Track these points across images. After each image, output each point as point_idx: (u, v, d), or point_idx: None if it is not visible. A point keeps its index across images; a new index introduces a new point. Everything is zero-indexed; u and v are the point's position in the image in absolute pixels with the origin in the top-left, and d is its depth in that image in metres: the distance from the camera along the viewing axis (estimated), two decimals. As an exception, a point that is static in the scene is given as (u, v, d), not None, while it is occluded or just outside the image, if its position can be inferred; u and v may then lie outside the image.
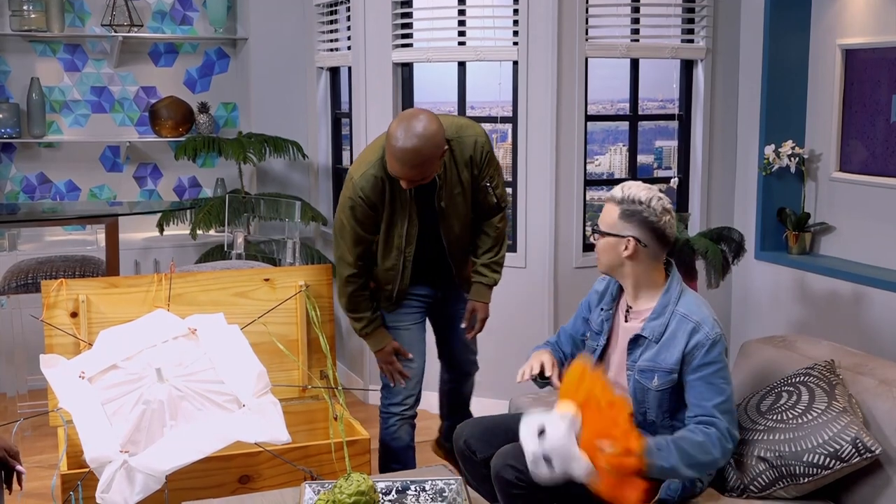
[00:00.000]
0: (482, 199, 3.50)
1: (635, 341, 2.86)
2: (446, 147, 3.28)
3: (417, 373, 3.63)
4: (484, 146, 3.44)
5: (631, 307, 2.93)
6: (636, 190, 2.82)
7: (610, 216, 2.84)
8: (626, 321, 2.94)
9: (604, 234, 2.85)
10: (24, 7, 5.50)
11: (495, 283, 3.61)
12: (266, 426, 2.90)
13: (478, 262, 3.59)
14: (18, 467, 2.53)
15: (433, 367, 3.83)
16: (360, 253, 3.42)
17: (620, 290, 2.98)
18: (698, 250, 4.21)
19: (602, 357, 3.01)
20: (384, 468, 3.66)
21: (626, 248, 2.81)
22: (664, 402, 2.81)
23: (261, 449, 3.00)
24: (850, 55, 4.60)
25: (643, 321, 2.86)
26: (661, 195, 2.83)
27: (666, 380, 2.79)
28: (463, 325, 3.63)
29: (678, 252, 4.17)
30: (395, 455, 3.64)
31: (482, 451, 3.01)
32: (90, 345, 3.22)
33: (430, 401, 4.12)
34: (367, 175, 3.33)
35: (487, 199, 3.50)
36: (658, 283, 2.88)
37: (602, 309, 3.02)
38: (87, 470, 2.83)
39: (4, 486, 2.55)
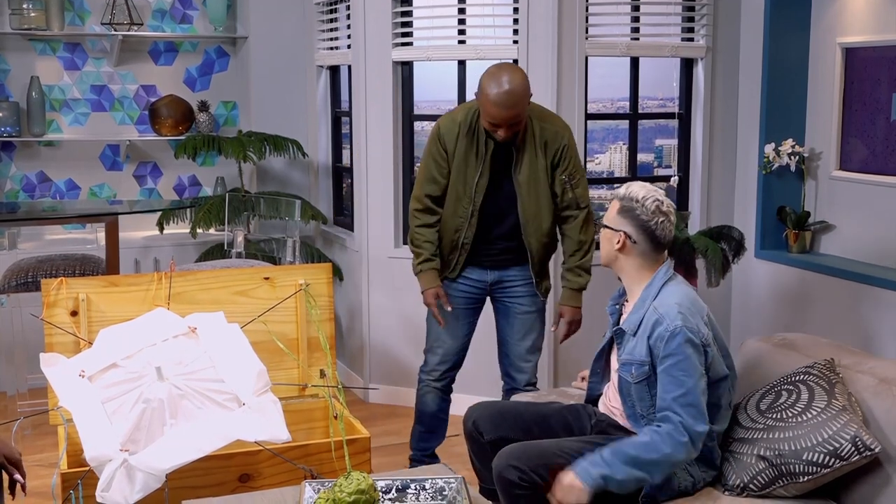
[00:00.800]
0: (560, 193, 3.68)
1: (619, 336, 2.94)
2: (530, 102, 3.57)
3: (447, 350, 3.85)
4: (564, 139, 3.67)
5: (627, 301, 3.01)
6: (636, 189, 2.91)
7: (611, 210, 2.95)
8: (622, 316, 3.03)
9: (603, 227, 2.97)
10: (24, 5, 5.49)
11: (582, 288, 3.75)
12: (266, 425, 2.90)
13: (563, 267, 3.78)
14: (16, 476, 2.53)
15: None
16: (429, 192, 3.70)
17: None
18: (698, 249, 4.22)
19: (606, 352, 3.08)
20: (413, 430, 4.01)
21: (618, 242, 2.90)
22: (645, 396, 2.85)
23: (261, 447, 3.00)
24: (850, 54, 4.60)
25: (627, 314, 2.95)
26: (661, 197, 2.89)
27: (640, 371, 2.84)
28: (552, 328, 3.85)
29: (678, 250, 4.18)
30: (419, 416, 3.96)
31: (490, 432, 3.07)
32: (90, 343, 3.22)
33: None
34: (450, 116, 3.70)
35: (566, 194, 3.68)
36: (650, 279, 2.93)
37: (614, 305, 3.10)
38: (87, 469, 2.83)
39: (8, 491, 2.54)
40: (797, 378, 2.97)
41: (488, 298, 3.87)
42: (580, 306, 3.76)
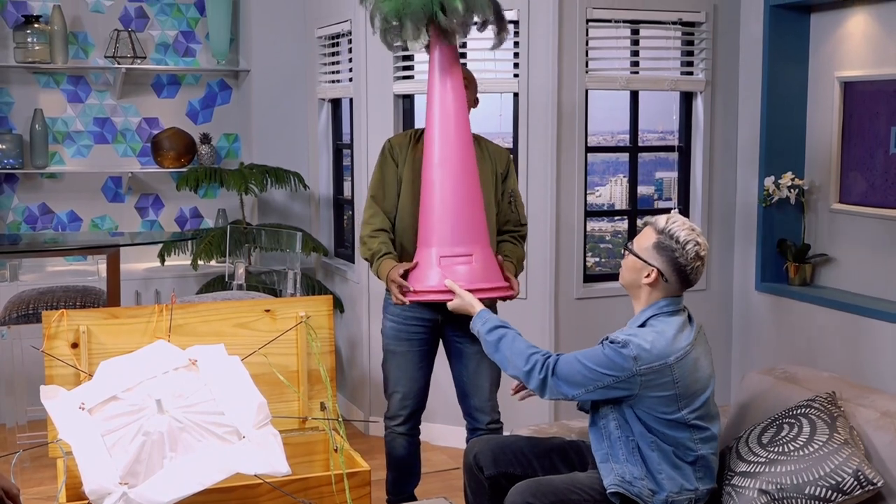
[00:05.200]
0: (505, 207, 3.69)
1: None
2: (475, 95, 3.71)
3: (405, 393, 3.72)
4: (509, 157, 3.77)
5: None
6: (678, 227, 2.85)
7: (646, 241, 2.88)
8: None
9: (634, 254, 2.90)
10: (29, 39, 5.54)
11: (518, 266, 3.68)
12: (266, 458, 2.89)
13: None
14: None
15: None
16: (376, 196, 3.70)
17: None
18: None
19: None
20: (386, 476, 3.87)
21: (648, 276, 2.86)
22: (599, 407, 2.91)
23: (261, 481, 2.99)
24: (849, 87, 4.63)
25: None
26: (700, 239, 2.84)
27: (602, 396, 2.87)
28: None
29: None
30: (389, 463, 3.84)
31: (490, 467, 3.04)
32: (90, 376, 3.22)
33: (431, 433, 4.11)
34: (399, 134, 3.85)
35: (509, 208, 3.70)
36: None
37: None
38: (86, 502, 2.82)
39: None
40: (799, 411, 2.97)
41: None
42: (515, 277, 3.61)
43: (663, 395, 2.78)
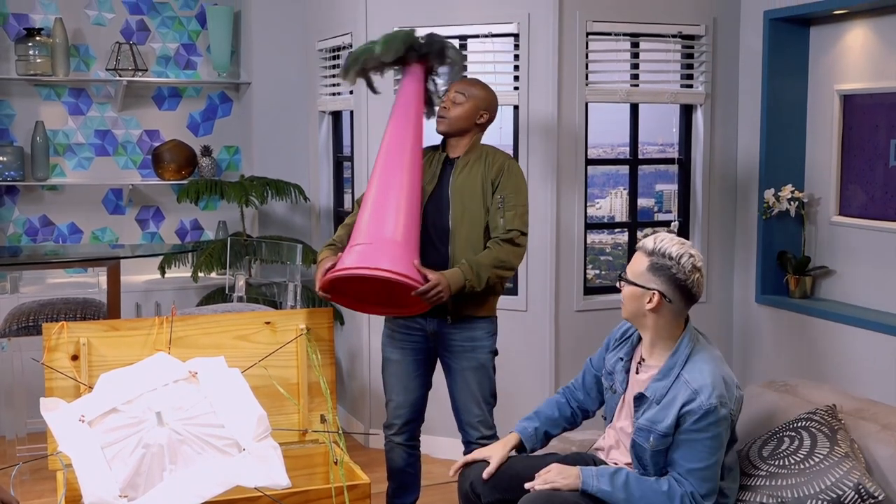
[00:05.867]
0: (492, 211, 3.60)
1: (639, 399, 2.85)
2: (487, 114, 3.70)
3: (401, 404, 3.73)
4: (506, 165, 3.65)
5: (644, 360, 2.92)
6: (668, 244, 2.79)
7: (639, 266, 2.82)
8: (637, 373, 2.94)
9: (630, 283, 2.83)
10: (30, 52, 5.56)
11: (466, 280, 3.46)
12: (266, 470, 2.89)
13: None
14: None
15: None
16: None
17: (639, 338, 2.97)
18: None
19: (617, 405, 3.01)
20: (387, 487, 3.87)
21: (651, 301, 2.79)
22: (660, 462, 2.80)
23: (261, 493, 2.99)
24: (848, 100, 4.63)
25: (650, 378, 2.85)
26: (693, 251, 2.79)
27: (660, 442, 2.76)
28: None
29: None
30: (389, 473, 3.84)
31: (487, 495, 2.99)
32: (90, 388, 3.22)
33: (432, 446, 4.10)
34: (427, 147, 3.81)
35: (497, 214, 3.58)
36: (675, 338, 2.85)
37: (621, 358, 3.01)
38: (85, 514, 2.82)
39: None
40: (799, 424, 2.96)
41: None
42: (451, 288, 3.42)
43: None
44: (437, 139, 3.78)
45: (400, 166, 3.55)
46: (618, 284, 2.90)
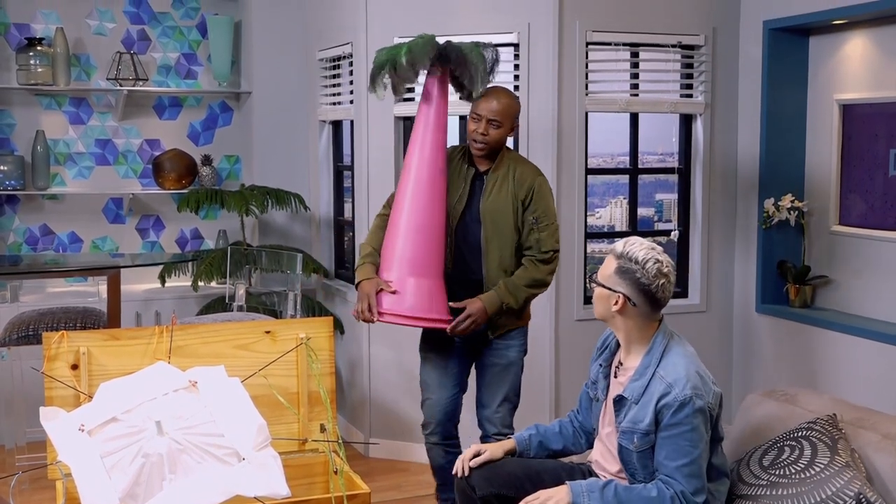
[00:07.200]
0: (526, 232, 3.71)
1: (619, 402, 2.87)
2: (517, 121, 3.82)
3: (434, 403, 3.84)
4: (535, 183, 3.73)
5: (622, 363, 2.95)
6: (636, 248, 2.81)
7: (607, 268, 2.86)
8: (615, 377, 2.96)
9: (599, 285, 2.88)
10: (31, 61, 5.57)
11: (503, 303, 3.66)
12: (266, 480, 2.88)
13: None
14: None
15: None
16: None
17: (618, 344, 3.00)
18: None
19: (601, 413, 3.03)
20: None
21: (616, 304, 2.83)
22: (648, 464, 2.80)
23: (260, 503, 2.98)
24: (848, 110, 4.64)
25: (628, 379, 2.87)
26: (661, 257, 2.81)
27: (644, 441, 2.78)
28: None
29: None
30: (432, 470, 3.97)
31: (482, 488, 3.02)
32: (90, 397, 3.21)
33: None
34: (451, 147, 3.89)
35: (531, 234, 3.70)
36: (649, 338, 2.88)
37: (601, 365, 3.04)
38: (85, 524, 2.81)
39: None
40: (800, 434, 2.96)
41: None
42: (488, 311, 3.64)
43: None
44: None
45: (430, 191, 3.69)
46: (590, 285, 2.94)
